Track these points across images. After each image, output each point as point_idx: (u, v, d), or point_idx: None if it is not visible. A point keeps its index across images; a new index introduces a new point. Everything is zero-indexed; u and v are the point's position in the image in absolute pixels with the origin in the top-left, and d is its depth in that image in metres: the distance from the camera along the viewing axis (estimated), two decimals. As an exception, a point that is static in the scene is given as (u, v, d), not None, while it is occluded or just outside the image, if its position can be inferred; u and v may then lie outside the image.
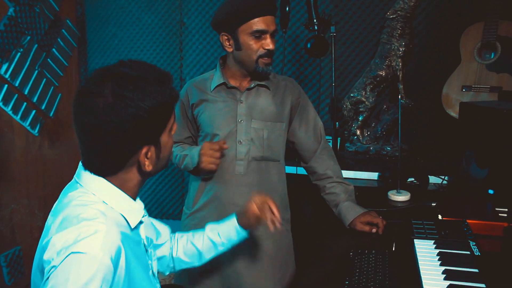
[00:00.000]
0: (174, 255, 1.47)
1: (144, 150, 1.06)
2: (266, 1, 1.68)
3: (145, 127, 1.03)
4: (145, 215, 1.20)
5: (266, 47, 1.69)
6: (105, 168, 1.09)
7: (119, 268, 1.00)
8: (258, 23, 1.67)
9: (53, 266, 0.94)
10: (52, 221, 1.04)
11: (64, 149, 3.41)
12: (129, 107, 1.00)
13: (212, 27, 1.78)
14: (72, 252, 0.93)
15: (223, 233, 1.47)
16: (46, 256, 0.97)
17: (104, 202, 1.07)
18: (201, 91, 1.83)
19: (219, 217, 1.81)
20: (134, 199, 1.15)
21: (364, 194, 2.34)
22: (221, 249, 1.49)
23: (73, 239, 0.95)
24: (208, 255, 1.49)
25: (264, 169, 1.83)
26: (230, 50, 1.75)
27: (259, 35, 1.68)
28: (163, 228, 1.45)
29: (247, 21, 1.67)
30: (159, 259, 1.43)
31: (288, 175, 2.45)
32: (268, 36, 1.69)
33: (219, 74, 1.81)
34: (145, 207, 1.31)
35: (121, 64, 1.07)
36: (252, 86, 1.79)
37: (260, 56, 1.71)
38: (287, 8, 2.29)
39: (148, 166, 1.09)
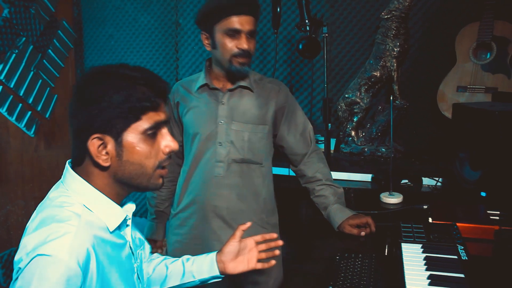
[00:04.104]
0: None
1: (94, 137, 1.03)
2: (242, 1, 1.66)
3: (100, 113, 1.02)
4: (129, 218, 1.18)
5: (240, 47, 1.68)
6: (74, 155, 1.09)
7: (90, 273, 0.99)
8: (232, 22, 1.66)
9: (20, 268, 0.94)
10: (31, 221, 1.04)
11: (61, 150, 3.41)
12: (93, 89, 1.03)
13: (196, 25, 1.79)
14: (38, 254, 0.93)
15: (197, 263, 1.39)
16: (16, 257, 0.97)
17: (83, 204, 1.06)
18: (186, 92, 1.84)
19: (200, 218, 1.83)
20: (118, 203, 1.13)
21: (357, 196, 2.33)
22: (188, 279, 1.38)
23: (41, 241, 0.95)
24: (171, 283, 1.38)
25: (246, 171, 1.82)
26: (209, 49, 1.76)
27: (233, 34, 1.68)
28: (146, 247, 1.40)
29: (222, 19, 1.67)
30: None
31: (282, 177, 2.46)
32: (243, 35, 1.68)
33: (203, 75, 1.81)
34: (136, 208, 1.30)
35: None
36: (234, 87, 1.78)
37: (234, 55, 1.70)
38: (278, 9, 2.27)
39: (104, 161, 1.04)
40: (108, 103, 1.01)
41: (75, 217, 1.02)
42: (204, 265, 1.37)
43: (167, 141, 1.10)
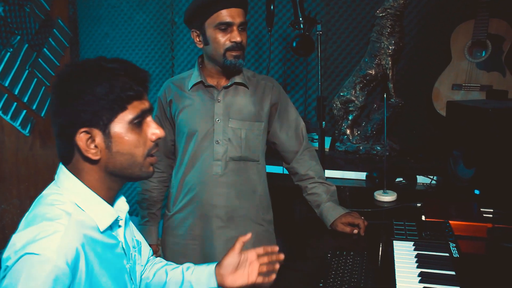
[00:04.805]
0: (143, 276, 1.38)
1: (81, 131, 1.02)
2: None
3: (85, 106, 1.01)
4: (121, 219, 1.17)
5: (233, 40, 1.67)
6: (61, 154, 1.08)
7: (79, 272, 0.98)
8: (222, 16, 1.65)
9: (8, 266, 0.94)
10: (24, 218, 1.04)
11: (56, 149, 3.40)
12: (74, 83, 1.02)
13: (185, 24, 1.77)
14: (27, 253, 0.92)
15: (196, 273, 1.31)
16: (5, 254, 0.96)
17: (75, 203, 1.05)
18: (179, 89, 1.81)
19: (198, 218, 1.81)
20: (110, 201, 1.12)
21: (352, 194, 2.33)
22: None
23: (30, 239, 0.94)
24: None
25: (243, 169, 1.81)
26: (200, 46, 1.74)
27: (225, 27, 1.66)
28: (145, 250, 1.39)
29: (212, 14, 1.66)
30: None
31: (276, 175, 2.45)
32: (234, 28, 1.67)
33: (197, 72, 1.79)
34: (131, 207, 1.28)
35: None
36: (229, 84, 1.77)
37: (228, 49, 1.68)
38: (272, 7, 2.27)
39: (94, 154, 1.03)
40: (92, 96, 1.00)
41: (65, 215, 1.01)
42: (203, 277, 1.31)
43: (153, 129, 1.10)
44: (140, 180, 1.18)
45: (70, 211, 1.03)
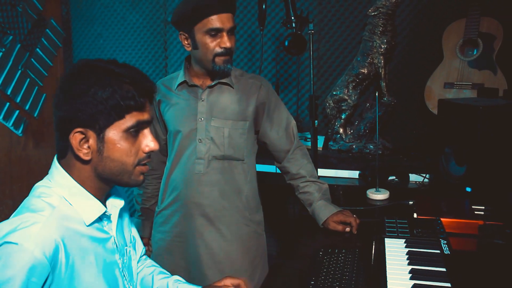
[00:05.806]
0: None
1: (76, 130, 1.03)
2: None
3: (84, 107, 1.02)
4: (110, 214, 1.17)
5: (223, 45, 1.67)
6: (58, 148, 1.10)
7: (59, 263, 1.00)
8: (213, 21, 1.65)
9: None
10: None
11: (50, 149, 3.40)
12: (79, 82, 1.03)
13: (173, 26, 1.77)
14: (6, 242, 0.94)
15: None
16: None
17: (63, 197, 1.07)
18: (167, 89, 1.83)
19: (183, 216, 1.82)
20: (101, 197, 1.13)
21: (345, 193, 2.34)
22: None
23: (11, 229, 0.96)
24: None
25: (227, 168, 1.81)
26: (189, 49, 1.74)
27: (215, 33, 1.66)
28: (139, 247, 1.39)
29: (202, 19, 1.65)
30: None
31: (269, 174, 2.46)
32: (224, 34, 1.67)
33: (183, 72, 1.80)
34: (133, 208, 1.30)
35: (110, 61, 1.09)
36: (213, 84, 1.77)
37: (217, 55, 1.68)
38: (264, 6, 2.27)
39: (85, 154, 1.05)
40: (92, 98, 1.01)
41: (48, 208, 1.03)
42: None
43: (147, 141, 1.11)
44: (129, 187, 1.18)
45: (55, 204, 1.05)
